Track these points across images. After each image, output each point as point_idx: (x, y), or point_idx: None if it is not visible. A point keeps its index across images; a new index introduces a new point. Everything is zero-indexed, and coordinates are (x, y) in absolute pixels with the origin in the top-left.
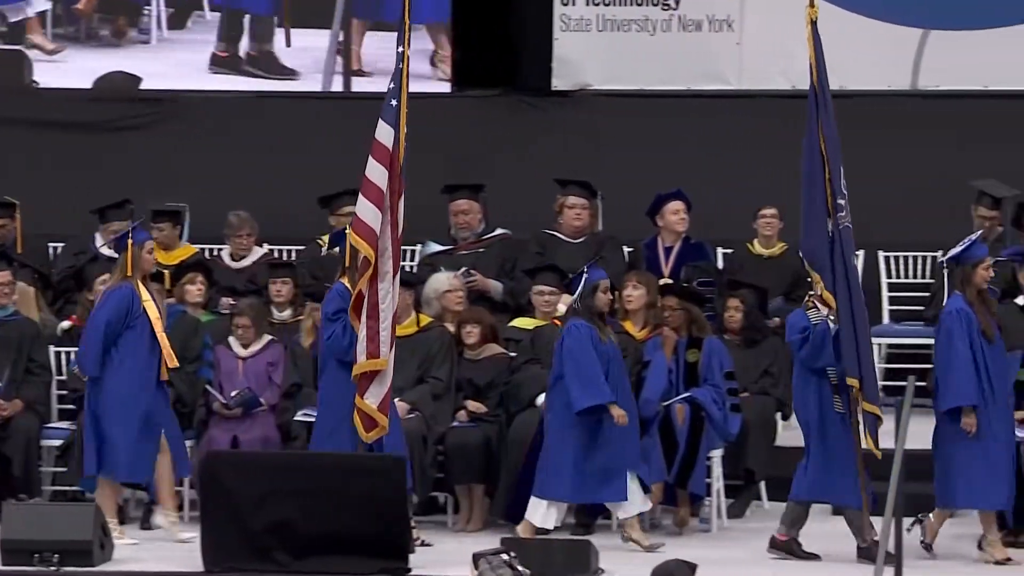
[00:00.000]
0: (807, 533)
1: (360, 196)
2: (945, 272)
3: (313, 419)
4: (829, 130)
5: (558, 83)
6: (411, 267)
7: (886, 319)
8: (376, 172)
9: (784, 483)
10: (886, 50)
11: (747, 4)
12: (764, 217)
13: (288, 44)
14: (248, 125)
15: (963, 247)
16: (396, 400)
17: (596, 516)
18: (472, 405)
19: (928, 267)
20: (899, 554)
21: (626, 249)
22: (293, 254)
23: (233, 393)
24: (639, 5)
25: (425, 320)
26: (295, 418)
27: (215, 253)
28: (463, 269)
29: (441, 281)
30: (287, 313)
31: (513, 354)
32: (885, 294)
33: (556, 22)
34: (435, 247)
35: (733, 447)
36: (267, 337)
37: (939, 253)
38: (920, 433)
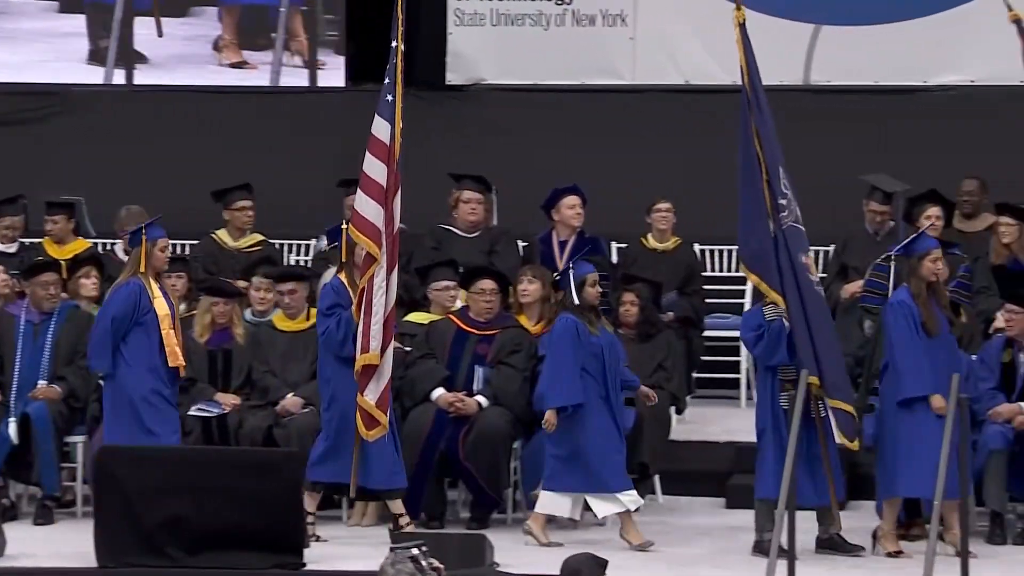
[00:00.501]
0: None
1: (360, 192)
2: (892, 264)
3: (207, 413)
4: (765, 129)
5: (452, 78)
6: (305, 261)
7: None
8: (375, 168)
9: (678, 477)
10: (779, 45)
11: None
12: (659, 211)
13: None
14: (139, 119)
15: (910, 239)
16: (289, 395)
17: (492, 510)
18: None
19: (821, 260)
20: (792, 549)
21: (520, 243)
22: (187, 248)
23: None
24: (533, 0)
25: None
26: (189, 413)
27: (109, 247)
28: None
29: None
30: (182, 308)
31: (408, 348)
32: None
33: (450, 17)
34: None
35: (627, 441)
36: None
37: (831, 248)
38: None
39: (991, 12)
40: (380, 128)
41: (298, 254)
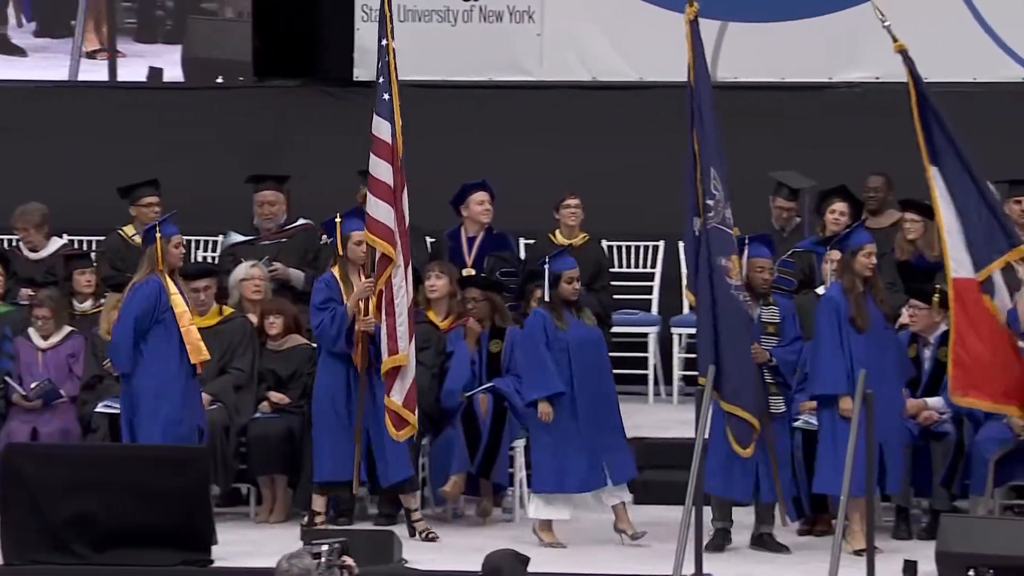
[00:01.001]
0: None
1: (370, 195)
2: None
3: (114, 410)
4: (703, 130)
5: (360, 74)
6: (213, 258)
7: (686, 309)
8: (380, 168)
9: None
10: (684, 41)
11: None
12: (567, 207)
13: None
14: (42, 115)
15: (845, 233)
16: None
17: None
18: (275, 396)
19: None
20: (699, 544)
21: (429, 239)
22: (93, 244)
23: (32, 385)
24: None
25: (227, 311)
26: (96, 410)
27: (14, 244)
28: (265, 259)
29: (240, 271)
30: (88, 304)
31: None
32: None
33: (357, 12)
34: (237, 237)
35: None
36: (67, 328)
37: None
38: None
39: (896, 9)
40: (381, 128)
41: (205, 250)
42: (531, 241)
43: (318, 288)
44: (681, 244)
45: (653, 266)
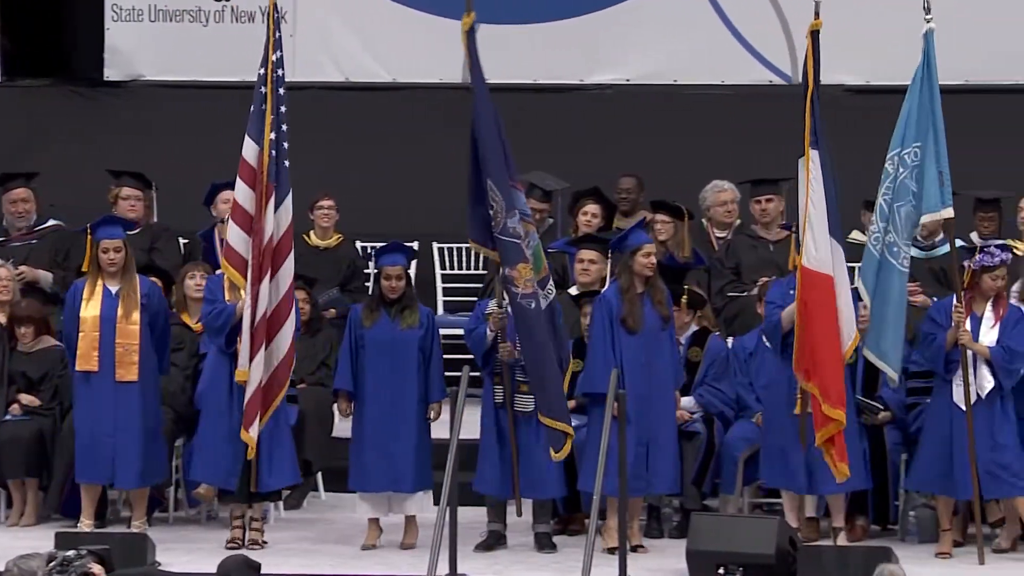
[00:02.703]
0: None
1: (231, 222)
2: (571, 260)
3: None
4: (482, 142)
5: (110, 74)
6: None
7: (440, 310)
8: (242, 193)
9: (341, 475)
10: (437, 43)
11: None
12: (321, 208)
13: None
14: None
15: (624, 233)
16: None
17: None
18: (25, 398)
19: (481, 258)
20: (453, 543)
21: (182, 240)
22: None
23: None
24: None
25: None
26: None
27: None
28: (10, 260)
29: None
30: None
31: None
32: (439, 285)
33: (107, 12)
34: None
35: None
36: None
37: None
38: (474, 423)
39: (646, 11)
40: (248, 149)
41: None
42: None
43: (207, 287)
44: (435, 245)
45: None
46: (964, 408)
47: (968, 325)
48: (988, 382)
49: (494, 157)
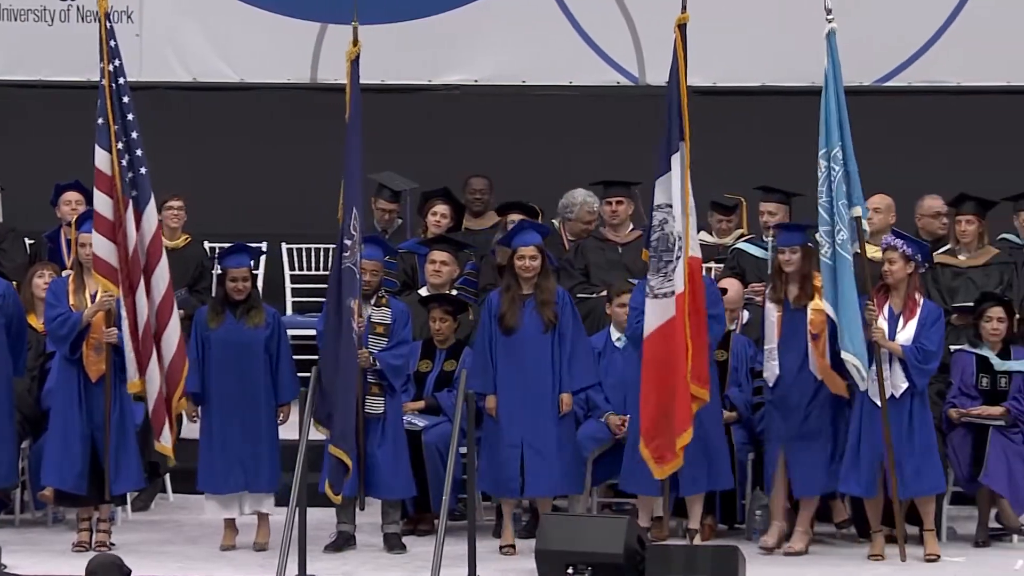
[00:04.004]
0: None
1: (95, 232)
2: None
3: None
4: (349, 170)
5: None
6: None
7: (289, 310)
8: (101, 203)
9: (188, 476)
10: (286, 43)
11: None
12: (171, 209)
13: None
14: None
15: (508, 234)
16: None
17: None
18: None
19: (329, 260)
20: (303, 544)
21: (28, 241)
22: None
23: None
24: None
25: None
26: None
27: None
28: None
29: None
30: None
31: None
32: (288, 285)
33: None
34: None
35: (138, 440)
36: None
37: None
38: None
39: (494, 12)
40: (99, 158)
41: None
42: None
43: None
44: (284, 246)
45: (256, 268)
46: (879, 405)
47: (884, 322)
48: (903, 381)
49: (356, 189)
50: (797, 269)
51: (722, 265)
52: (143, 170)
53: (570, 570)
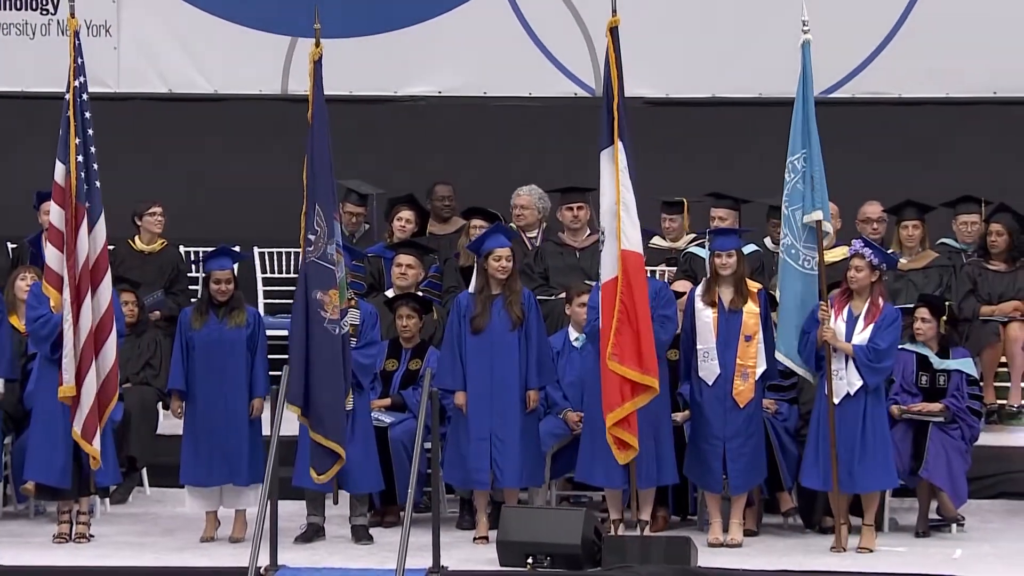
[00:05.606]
0: None
1: (47, 243)
2: (387, 264)
3: None
4: (314, 167)
5: None
6: None
7: (262, 312)
8: (55, 215)
9: (165, 470)
10: (256, 57)
11: (123, 10)
12: (154, 215)
13: None
14: None
15: (480, 237)
16: None
17: None
18: None
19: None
20: (274, 536)
21: (11, 246)
22: None
23: None
24: (18, 9)
25: None
26: None
27: None
28: None
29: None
30: None
31: None
32: (260, 288)
33: None
34: None
35: (116, 435)
36: None
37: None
38: (294, 419)
39: (456, 25)
40: (58, 171)
41: None
42: (111, 247)
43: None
44: (256, 250)
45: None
46: (831, 403)
47: (843, 324)
48: (857, 379)
49: (324, 185)
50: (732, 272)
51: (675, 268)
52: (97, 184)
53: (530, 560)
